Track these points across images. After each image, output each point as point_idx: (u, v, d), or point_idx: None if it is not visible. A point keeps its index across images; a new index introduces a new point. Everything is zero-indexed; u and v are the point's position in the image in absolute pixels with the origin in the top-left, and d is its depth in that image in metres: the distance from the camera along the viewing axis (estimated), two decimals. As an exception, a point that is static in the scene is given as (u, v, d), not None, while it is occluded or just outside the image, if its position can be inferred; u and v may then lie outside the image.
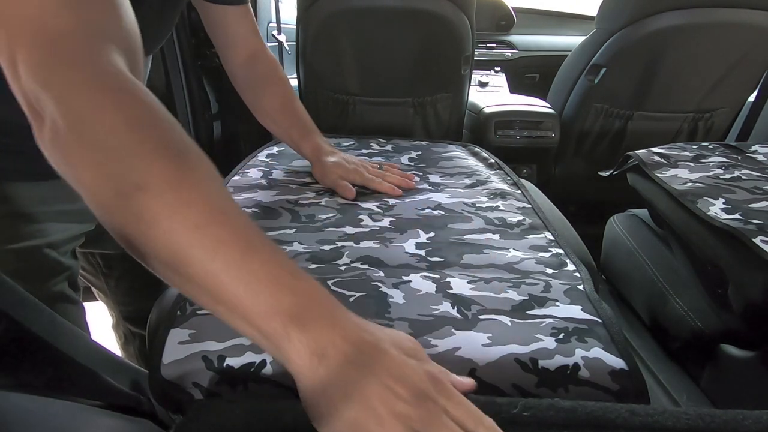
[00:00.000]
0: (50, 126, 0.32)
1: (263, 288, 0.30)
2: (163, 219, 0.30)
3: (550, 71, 1.72)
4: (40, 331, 0.33)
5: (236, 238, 0.31)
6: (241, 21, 0.77)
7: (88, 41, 0.34)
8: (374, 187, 0.72)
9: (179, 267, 0.31)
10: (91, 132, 0.31)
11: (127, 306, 0.90)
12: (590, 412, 0.28)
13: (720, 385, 0.76)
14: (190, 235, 0.30)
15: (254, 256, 0.31)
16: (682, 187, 0.82)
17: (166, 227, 0.30)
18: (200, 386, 0.39)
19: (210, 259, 0.30)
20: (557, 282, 0.52)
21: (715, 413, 0.28)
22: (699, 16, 1.28)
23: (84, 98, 0.32)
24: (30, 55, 0.33)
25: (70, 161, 0.32)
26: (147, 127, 0.33)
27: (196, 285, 0.31)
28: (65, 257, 0.66)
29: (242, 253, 0.31)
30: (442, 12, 1.30)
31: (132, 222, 0.31)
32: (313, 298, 0.32)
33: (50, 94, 0.32)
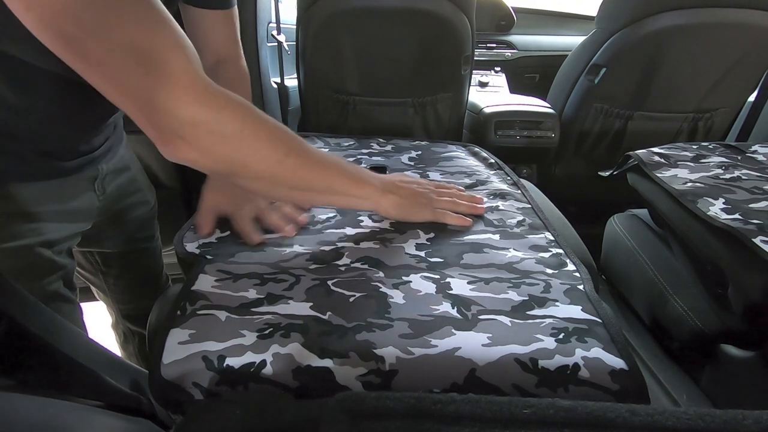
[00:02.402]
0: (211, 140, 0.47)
1: (355, 179, 0.58)
2: (305, 166, 0.53)
3: (550, 71, 1.72)
4: (40, 331, 0.33)
5: (332, 161, 0.57)
6: (217, 26, 0.74)
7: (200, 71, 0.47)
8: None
9: (313, 186, 0.55)
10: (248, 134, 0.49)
11: (125, 304, 0.90)
12: (590, 411, 0.28)
13: (720, 385, 0.76)
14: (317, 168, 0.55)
15: (341, 165, 0.58)
16: (682, 187, 0.82)
17: (307, 169, 0.53)
18: (200, 386, 0.39)
19: (328, 175, 0.56)
20: (557, 282, 0.52)
21: (715, 413, 0.28)
22: (699, 16, 1.28)
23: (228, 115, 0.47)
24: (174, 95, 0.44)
25: (236, 156, 0.49)
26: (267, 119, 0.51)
27: (323, 192, 0.56)
28: (60, 256, 0.66)
29: (338, 166, 0.57)
30: (442, 12, 1.30)
31: (289, 173, 0.52)
32: (371, 174, 0.61)
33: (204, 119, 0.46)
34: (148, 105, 0.44)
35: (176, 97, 0.44)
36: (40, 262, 0.63)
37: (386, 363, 0.40)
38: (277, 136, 0.51)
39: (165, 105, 0.44)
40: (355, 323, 0.44)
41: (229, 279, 0.51)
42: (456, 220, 0.63)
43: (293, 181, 0.53)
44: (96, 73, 0.43)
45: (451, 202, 0.65)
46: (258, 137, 0.50)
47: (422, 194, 0.63)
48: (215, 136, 0.47)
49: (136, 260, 0.86)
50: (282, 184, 0.53)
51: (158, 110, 0.44)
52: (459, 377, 0.39)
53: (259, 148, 0.50)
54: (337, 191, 0.57)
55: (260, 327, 0.43)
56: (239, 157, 0.49)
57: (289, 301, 0.47)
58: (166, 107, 0.44)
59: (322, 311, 0.46)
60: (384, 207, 0.61)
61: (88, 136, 0.66)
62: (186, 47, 0.46)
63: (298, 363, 0.40)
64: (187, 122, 0.45)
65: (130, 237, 0.83)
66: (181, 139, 0.46)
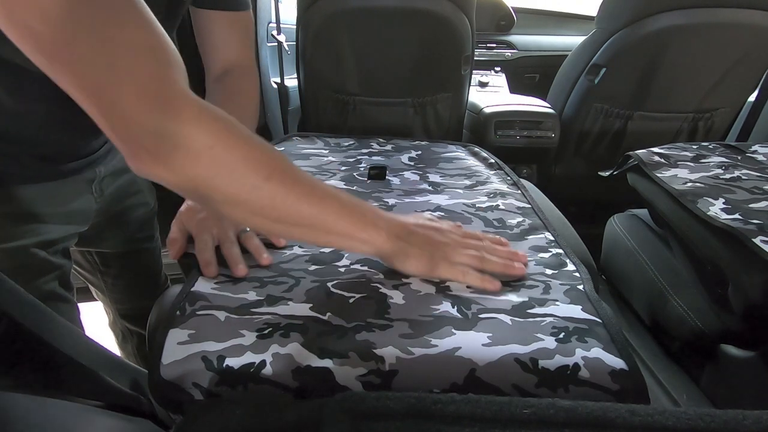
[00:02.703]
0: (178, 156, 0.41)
1: (355, 218, 0.48)
2: (290, 196, 0.45)
3: (550, 71, 1.72)
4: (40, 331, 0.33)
5: (329, 193, 0.48)
6: (228, 29, 0.70)
7: (179, 83, 0.42)
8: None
9: (303, 221, 0.46)
10: (221, 152, 0.42)
11: (124, 304, 0.90)
12: (590, 411, 0.28)
13: (720, 385, 0.76)
14: (307, 200, 0.46)
15: (342, 200, 0.48)
16: (682, 187, 0.82)
17: (293, 199, 0.45)
18: (200, 386, 0.39)
19: (322, 210, 0.47)
20: (557, 282, 0.52)
21: (715, 413, 0.28)
22: (699, 16, 1.28)
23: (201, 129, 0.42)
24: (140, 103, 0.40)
25: (204, 177, 0.43)
26: (250, 137, 0.45)
27: (313, 229, 0.47)
28: (55, 256, 0.66)
29: (338, 201, 0.48)
30: (442, 12, 1.30)
31: (268, 202, 0.45)
32: (378, 213, 0.51)
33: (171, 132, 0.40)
34: (111, 111, 0.40)
35: (142, 103, 0.40)
36: (34, 262, 0.63)
37: (386, 363, 0.40)
38: (256, 157, 0.44)
39: (128, 112, 0.40)
40: (355, 323, 0.44)
41: (229, 281, 0.51)
42: (478, 282, 0.50)
43: (274, 213, 0.45)
44: (60, 72, 0.40)
45: (477, 257, 0.52)
46: (232, 156, 0.43)
47: (440, 245, 0.52)
48: (182, 150, 0.41)
49: (135, 260, 0.86)
50: (260, 214, 0.45)
51: (122, 117, 0.40)
52: (459, 377, 0.39)
53: (232, 169, 0.43)
54: (331, 230, 0.48)
55: (260, 327, 0.43)
56: (208, 177, 0.42)
57: (288, 302, 0.47)
58: (130, 114, 0.40)
59: (321, 312, 0.46)
60: (388, 255, 0.51)
61: (86, 140, 0.66)
62: (163, 50, 0.42)
63: (297, 363, 0.40)
64: (152, 133, 0.40)
65: (130, 238, 0.83)
66: (147, 151, 0.41)
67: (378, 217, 0.50)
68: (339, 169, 0.84)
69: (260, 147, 0.45)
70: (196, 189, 0.43)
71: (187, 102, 0.42)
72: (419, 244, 0.51)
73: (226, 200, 0.44)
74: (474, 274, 0.50)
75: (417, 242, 0.51)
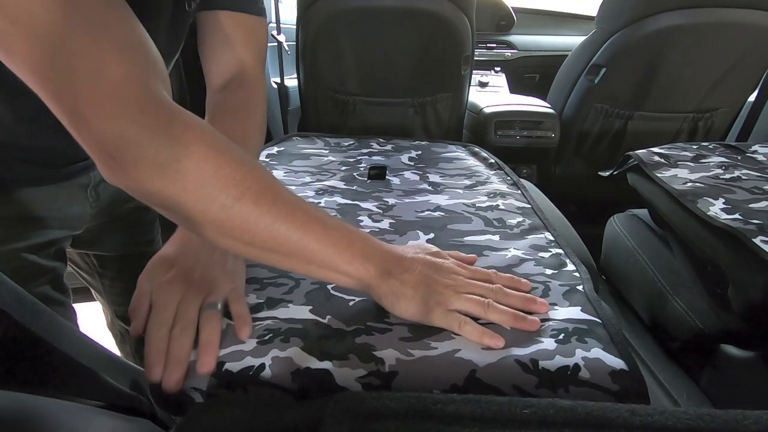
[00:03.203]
0: (142, 165, 0.38)
1: (341, 248, 0.43)
2: (265, 217, 0.40)
3: (550, 71, 1.72)
4: (40, 331, 0.33)
5: (313, 218, 0.43)
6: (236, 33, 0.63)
7: (149, 86, 0.39)
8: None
9: (279, 247, 0.42)
10: (188, 165, 0.38)
11: (121, 306, 0.90)
12: (590, 411, 0.28)
13: (720, 385, 0.76)
14: (285, 224, 0.41)
15: (328, 226, 0.43)
16: (682, 187, 0.82)
17: (268, 221, 0.40)
18: (199, 390, 0.39)
19: (303, 236, 0.42)
20: (557, 282, 0.52)
21: (715, 413, 0.28)
22: (699, 16, 1.28)
23: (169, 138, 0.38)
24: (103, 104, 0.37)
25: (170, 192, 0.39)
26: (226, 151, 0.40)
27: (292, 257, 0.42)
28: (46, 260, 0.65)
29: (322, 226, 0.42)
30: (442, 12, 1.30)
31: (240, 223, 0.40)
32: (370, 243, 0.45)
33: (134, 138, 0.37)
34: (75, 113, 0.37)
35: (104, 106, 0.37)
36: (25, 265, 0.62)
37: (386, 365, 0.40)
38: (228, 173, 0.39)
39: (90, 114, 0.37)
40: (355, 327, 0.44)
41: None
42: (476, 336, 0.42)
43: (246, 235, 0.41)
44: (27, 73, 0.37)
45: (481, 303, 0.44)
46: (200, 170, 0.39)
47: (438, 286, 0.44)
48: (146, 160, 0.37)
49: (133, 264, 0.85)
50: (230, 236, 0.41)
51: (85, 120, 0.37)
52: (459, 379, 0.39)
53: (200, 186, 0.39)
54: (312, 259, 0.42)
55: (260, 334, 0.43)
56: (174, 192, 0.39)
57: (288, 305, 0.47)
58: (92, 117, 0.37)
59: (321, 315, 0.46)
60: (376, 294, 0.44)
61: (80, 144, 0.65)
62: (140, 52, 0.39)
63: (297, 365, 0.40)
64: (116, 138, 0.37)
65: (129, 241, 0.82)
66: (112, 158, 0.38)
67: (368, 247, 0.44)
68: (339, 169, 0.84)
69: (236, 161, 0.40)
70: (162, 203, 0.40)
71: (157, 106, 0.38)
72: (413, 284, 0.44)
73: (193, 218, 0.40)
74: (472, 327, 0.42)
75: (411, 281, 0.44)
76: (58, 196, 0.64)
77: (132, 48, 0.39)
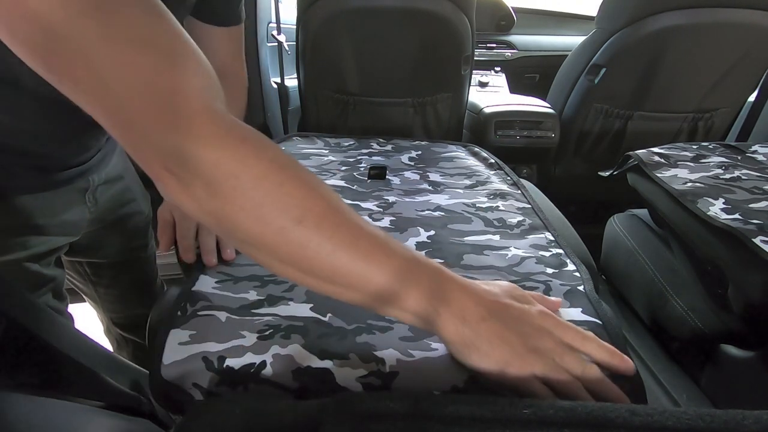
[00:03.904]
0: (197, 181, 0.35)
1: (411, 282, 0.38)
2: (327, 245, 0.36)
3: (550, 71, 1.72)
4: (40, 331, 0.33)
5: (378, 246, 0.38)
6: (224, 42, 0.71)
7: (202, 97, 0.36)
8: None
9: (340, 279, 0.37)
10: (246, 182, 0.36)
11: (117, 313, 0.89)
12: (590, 411, 0.28)
13: (720, 385, 0.76)
14: (348, 252, 0.37)
15: (394, 256, 0.38)
16: (682, 187, 0.82)
17: (329, 249, 0.36)
18: (200, 387, 0.39)
19: (366, 268, 0.37)
20: (557, 282, 0.52)
21: (715, 413, 0.28)
22: (699, 16, 1.28)
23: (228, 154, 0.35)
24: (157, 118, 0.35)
25: (226, 211, 0.36)
26: (286, 167, 0.37)
27: (355, 290, 0.38)
28: (48, 268, 0.65)
29: (387, 257, 0.38)
30: (442, 12, 1.30)
31: (296, 249, 0.36)
32: (441, 277, 0.39)
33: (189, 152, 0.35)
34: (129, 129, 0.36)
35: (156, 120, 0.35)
36: (28, 276, 0.62)
37: (386, 365, 0.40)
38: (288, 192, 0.36)
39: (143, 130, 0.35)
40: (356, 325, 0.44)
41: (230, 281, 0.51)
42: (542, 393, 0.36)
43: (304, 262, 0.37)
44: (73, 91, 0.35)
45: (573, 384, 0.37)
46: (259, 189, 0.36)
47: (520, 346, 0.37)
48: (201, 178, 0.35)
49: (128, 270, 0.84)
50: (287, 262, 0.38)
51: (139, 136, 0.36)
52: (459, 380, 0.39)
53: (257, 205, 0.36)
54: (376, 295, 0.38)
55: (260, 328, 0.43)
56: (231, 212, 0.36)
57: (289, 302, 0.47)
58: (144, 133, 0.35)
59: (322, 313, 0.46)
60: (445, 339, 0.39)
61: (80, 149, 0.65)
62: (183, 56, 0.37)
63: (298, 364, 0.40)
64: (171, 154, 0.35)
65: (123, 247, 0.81)
66: (169, 174, 0.36)
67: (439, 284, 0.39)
68: (339, 169, 0.84)
69: (298, 179, 0.37)
70: (218, 223, 0.37)
71: (209, 118, 0.36)
72: (488, 338, 0.37)
73: (249, 240, 0.37)
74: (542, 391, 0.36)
75: (487, 334, 0.37)
76: (57, 202, 0.64)
77: (183, 57, 0.37)
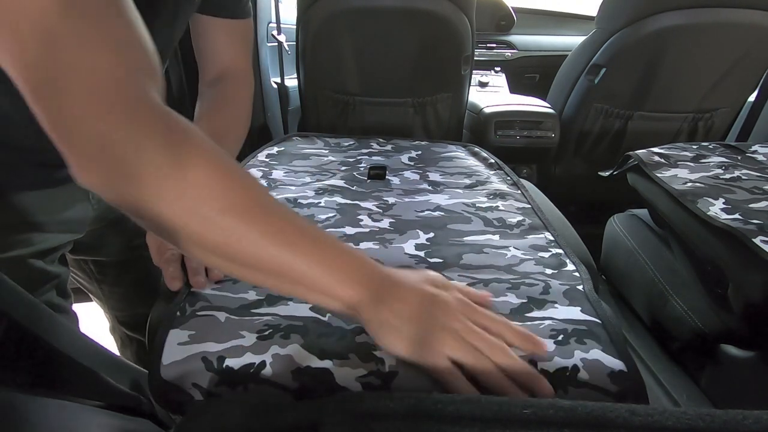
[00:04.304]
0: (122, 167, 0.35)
1: (333, 268, 0.39)
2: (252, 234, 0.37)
3: (550, 71, 1.72)
4: (40, 331, 0.33)
5: (304, 235, 0.39)
6: (226, 36, 0.70)
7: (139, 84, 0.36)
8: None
9: (263, 265, 0.38)
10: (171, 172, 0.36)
11: (122, 311, 0.89)
12: (590, 411, 0.28)
13: (720, 385, 0.76)
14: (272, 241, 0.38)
15: (319, 244, 0.40)
16: (682, 187, 0.82)
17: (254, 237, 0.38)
18: (200, 387, 0.39)
19: (290, 255, 0.38)
20: (557, 282, 0.52)
21: (715, 413, 0.28)
22: (699, 16, 1.28)
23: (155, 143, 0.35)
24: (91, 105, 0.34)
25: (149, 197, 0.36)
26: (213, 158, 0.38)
27: (278, 277, 0.39)
28: (52, 265, 0.65)
29: (312, 244, 0.39)
30: (442, 12, 1.30)
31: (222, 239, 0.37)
32: (364, 265, 0.41)
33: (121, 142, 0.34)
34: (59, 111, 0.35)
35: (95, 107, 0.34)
36: (32, 273, 0.62)
37: (386, 364, 0.40)
38: (213, 183, 0.37)
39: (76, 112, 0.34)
40: (355, 325, 0.44)
41: (229, 281, 0.51)
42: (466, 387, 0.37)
43: (229, 251, 0.38)
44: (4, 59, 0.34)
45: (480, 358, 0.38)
46: (183, 178, 0.36)
47: (433, 325, 0.39)
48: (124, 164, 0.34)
49: (132, 268, 0.84)
50: (212, 251, 0.38)
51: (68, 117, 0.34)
52: None
53: (180, 195, 0.36)
54: (299, 280, 0.39)
55: (260, 328, 0.43)
56: (150, 200, 0.36)
57: (288, 302, 0.47)
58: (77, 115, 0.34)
59: (321, 312, 0.46)
60: (365, 322, 0.40)
61: None
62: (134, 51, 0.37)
63: (297, 364, 0.40)
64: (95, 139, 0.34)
65: (127, 245, 0.81)
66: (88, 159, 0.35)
67: (362, 269, 0.40)
68: (339, 169, 0.84)
69: (224, 170, 0.38)
70: (136, 212, 0.37)
71: (146, 108, 0.36)
72: (405, 317, 0.39)
73: (171, 230, 0.37)
74: (462, 384, 0.37)
75: (403, 313, 0.39)
76: (60, 199, 0.64)
77: (127, 46, 0.36)
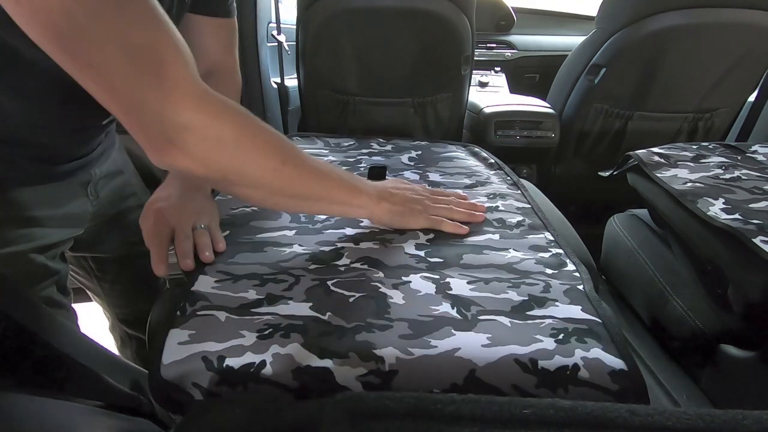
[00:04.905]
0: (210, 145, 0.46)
1: (351, 188, 0.58)
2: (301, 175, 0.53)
3: (550, 71, 1.72)
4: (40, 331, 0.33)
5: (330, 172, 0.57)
6: (214, 34, 0.73)
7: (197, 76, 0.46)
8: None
9: (311, 195, 0.55)
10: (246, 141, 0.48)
11: (122, 308, 0.89)
12: (590, 411, 0.28)
13: (720, 385, 0.76)
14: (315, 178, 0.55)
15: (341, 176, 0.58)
16: (682, 187, 0.82)
17: (305, 177, 0.54)
18: (200, 386, 0.39)
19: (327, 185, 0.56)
20: (557, 282, 0.52)
21: (715, 413, 0.28)
22: (699, 16, 1.28)
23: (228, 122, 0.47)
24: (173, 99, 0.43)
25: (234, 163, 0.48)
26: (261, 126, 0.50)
27: (320, 201, 0.56)
28: (53, 261, 0.65)
29: (338, 177, 0.58)
30: (442, 12, 1.30)
31: (286, 182, 0.52)
32: (368, 184, 0.61)
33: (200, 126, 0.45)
34: (140, 109, 0.43)
35: (172, 101, 0.43)
36: (33, 268, 0.62)
37: (386, 363, 0.40)
38: (273, 144, 0.51)
39: (159, 109, 0.43)
40: (355, 324, 0.44)
41: (229, 280, 0.51)
42: (451, 228, 0.61)
43: (290, 190, 0.53)
44: (86, 73, 0.42)
45: (447, 209, 0.64)
46: (255, 145, 0.49)
47: (415, 201, 0.63)
48: (210, 143, 0.46)
49: (131, 265, 0.84)
50: (278, 193, 0.53)
51: (151, 114, 0.43)
52: (459, 378, 0.39)
53: (255, 157, 0.49)
54: (334, 200, 0.57)
55: (260, 327, 0.43)
56: (235, 165, 0.48)
57: (288, 301, 0.47)
58: (160, 112, 0.43)
59: (321, 312, 0.46)
60: (377, 215, 0.61)
61: (83, 141, 0.66)
62: (183, 50, 0.45)
63: (297, 363, 0.40)
64: (181, 128, 0.44)
65: (126, 241, 0.81)
66: (174, 145, 0.45)
67: (367, 187, 0.61)
68: (339, 169, 0.84)
69: (273, 135, 0.51)
70: (222, 177, 0.49)
71: (212, 98, 0.46)
72: (399, 202, 0.62)
73: (250, 183, 0.50)
74: (447, 223, 0.62)
75: (397, 201, 0.62)
76: (60, 195, 0.65)
77: (180, 44, 0.44)
